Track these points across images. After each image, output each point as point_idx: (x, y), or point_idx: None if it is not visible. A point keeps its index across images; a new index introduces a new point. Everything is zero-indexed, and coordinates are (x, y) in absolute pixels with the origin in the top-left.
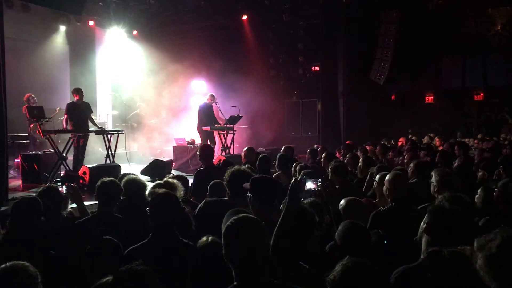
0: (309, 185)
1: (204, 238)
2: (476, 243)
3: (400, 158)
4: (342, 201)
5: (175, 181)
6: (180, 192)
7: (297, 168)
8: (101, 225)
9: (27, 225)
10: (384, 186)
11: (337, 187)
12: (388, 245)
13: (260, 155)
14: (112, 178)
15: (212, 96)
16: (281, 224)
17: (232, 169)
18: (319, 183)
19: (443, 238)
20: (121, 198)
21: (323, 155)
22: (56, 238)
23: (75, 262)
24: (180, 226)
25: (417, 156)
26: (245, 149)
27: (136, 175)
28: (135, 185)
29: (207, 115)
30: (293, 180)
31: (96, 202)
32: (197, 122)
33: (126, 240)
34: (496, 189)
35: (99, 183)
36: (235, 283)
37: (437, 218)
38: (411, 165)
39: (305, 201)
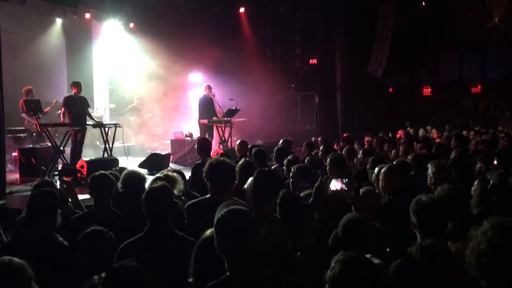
0: (334, 184)
1: (209, 231)
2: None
3: (393, 151)
4: None
5: (174, 174)
6: (180, 185)
7: (285, 162)
8: (99, 220)
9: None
10: (380, 180)
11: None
12: (387, 238)
13: (255, 149)
14: (102, 171)
15: (208, 86)
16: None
17: (211, 160)
18: (345, 183)
19: (430, 232)
20: (121, 191)
21: (321, 147)
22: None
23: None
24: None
25: (412, 149)
26: (237, 142)
27: (126, 168)
28: (135, 178)
29: (205, 108)
30: (319, 179)
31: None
32: (198, 115)
33: (125, 234)
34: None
35: (89, 179)
36: (227, 273)
37: (418, 215)
38: (409, 157)
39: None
